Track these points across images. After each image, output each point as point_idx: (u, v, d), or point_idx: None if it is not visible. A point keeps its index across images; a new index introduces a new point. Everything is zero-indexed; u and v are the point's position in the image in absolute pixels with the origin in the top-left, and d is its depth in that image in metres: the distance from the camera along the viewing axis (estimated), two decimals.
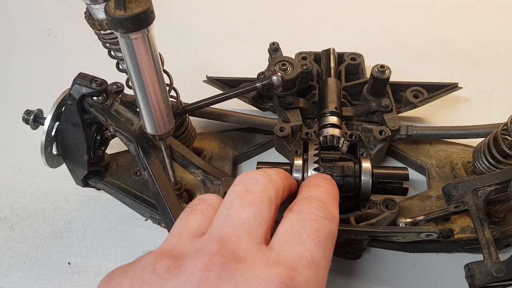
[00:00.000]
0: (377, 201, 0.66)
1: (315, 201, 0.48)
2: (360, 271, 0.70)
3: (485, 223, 0.58)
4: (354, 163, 0.67)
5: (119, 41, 0.46)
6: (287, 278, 0.39)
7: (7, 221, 0.76)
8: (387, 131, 0.73)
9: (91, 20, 0.54)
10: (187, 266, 0.41)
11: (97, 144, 0.68)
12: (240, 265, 0.40)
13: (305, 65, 0.77)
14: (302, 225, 0.45)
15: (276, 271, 0.40)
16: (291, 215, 0.47)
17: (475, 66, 0.98)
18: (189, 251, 0.43)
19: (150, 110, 0.54)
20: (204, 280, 0.39)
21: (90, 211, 0.77)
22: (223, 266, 0.40)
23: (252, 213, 0.45)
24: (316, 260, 0.43)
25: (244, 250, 0.42)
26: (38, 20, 1.11)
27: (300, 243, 0.44)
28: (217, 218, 0.46)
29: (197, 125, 0.80)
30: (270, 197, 0.47)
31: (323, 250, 0.44)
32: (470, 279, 0.56)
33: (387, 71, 0.76)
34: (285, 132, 0.75)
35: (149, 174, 0.61)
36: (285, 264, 0.41)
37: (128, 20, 0.42)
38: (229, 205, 0.47)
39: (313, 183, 0.53)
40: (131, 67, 0.49)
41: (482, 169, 0.69)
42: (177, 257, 0.43)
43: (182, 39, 1.06)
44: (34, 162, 0.84)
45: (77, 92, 0.60)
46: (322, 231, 0.45)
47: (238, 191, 0.47)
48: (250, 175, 0.49)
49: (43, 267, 0.71)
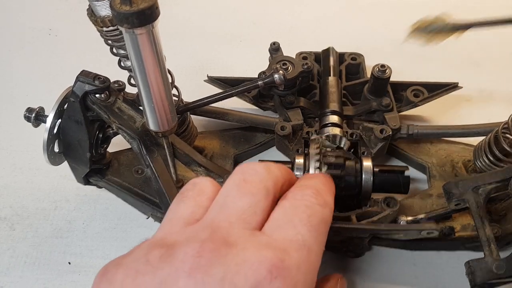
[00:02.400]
0: (378, 199, 0.66)
1: (309, 188, 0.49)
2: (361, 269, 0.71)
3: (486, 221, 0.58)
4: (355, 161, 0.68)
5: (124, 36, 0.46)
6: (277, 260, 0.40)
7: (7, 221, 0.76)
8: (388, 130, 0.73)
9: (94, 17, 0.54)
10: (179, 254, 0.41)
11: (99, 142, 0.68)
12: (230, 250, 0.41)
13: (306, 65, 0.78)
14: (295, 211, 0.46)
15: (266, 254, 0.40)
16: (284, 202, 0.48)
17: (475, 66, 0.98)
18: (181, 239, 0.44)
19: (153, 107, 0.54)
20: (195, 266, 0.40)
21: (90, 211, 0.77)
22: (214, 252, 0.41)
23: (248, 202, 0.46)
24: (307, 244, 0.43)
25: (235, 235, 0.43)
26: (39, 19, 1.11)
27: (292, 227, 0.44)
28: (213, 206, 0.47)
29: (198, 124, 0.80)
30: (267, 188, 0.47)
31: (315, 235, 0.45)
32: (471, 276, 0.56)
33: (387, 70, 0.76)
34: (286, 131, 0.75)
35: (152, 171, 0.62)
36: (276, 247, 0.42)
37: (133, 15, 0.43)
38: (225, 194, 0.47)
39: (309, 176, 0.55)
40: (135, 63, 0.49)
41: (482, 167, 0.70)
42: (169, 246, 0.43)
43: (182, 39, 1.06)
44: (34, 161, 0.84)
45: (80, 89, 0.60)
46: (315, 217, 0.46)
47: (236, 179, 0.48)
48: (249, 166, 0.49)
49: (43, 267, 0.71)
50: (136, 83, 0.52)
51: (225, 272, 0.39)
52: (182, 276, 0.40)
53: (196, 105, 0.68)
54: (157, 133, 0.58)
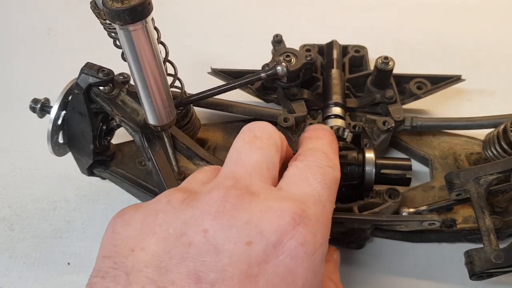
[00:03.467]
0: (380, 191, 0.67)
1: (319, 152, 0.51)
2: (362, 260, 0.71)
3: (486, 211, 0.58)
4: (358, 152, 0.68)
5: (118, 33, 0.47)
6: (299, 210, 0.42)
7: (6, 221, 0.76)
8: (391, 122, 0.73)
9: (97, 9, 0.54)
10: (204, 198, 0.43)
11: (103, 134, 0.68)
12: (254, 198, 0.43)
13: (309, 56, 0.78)
14: (309, 170, 0.48)
15: (288, 204, 0.42)
16: (297, 162, 0.49)
17: (477, 65, 0.97)
18: (203, 190, 0.45)
19: (151, 102, 0.55)
20: (221, 210, 0.41)
21: (90, 211, 0.77)
22: (239, 198, 0.42)
23: (261, 157, 0.47)
24: (322, 200, 0.45)
25: (257, 186, 0.44)
26: (38, 19, 1.10)
27: (307, 184, 0.46)
28: (227, 162, 0.48)
29: (201, 116, 0.81)
30: (276, 144, 0.50)
31: (328, 192, 0.47)
32: (470, 265, 0.56)
33: (390, 62, 0.76)
34: (289, 123, 0.75)
35: (153, 164, 0.62)
36: (295, 199, 0.44)
37: (125, 12, 0.43)
38: (238, 150, 0.49)
39: (314, 135, 0.56)
40: (131, 59, 0.50)
41: (493, 156, 0.70)
42: (192, 192, 0.45)
43: (183, 37, 1.05)
44: (33, 161, 0.83)
45: (84, 82, 0.61)
46: (327, 176, 0.48)
47: (246, 137, 0.49)
48: (257, 123, 0.51)
49: (43, 267, 0.71)
50: (133, 79, 0.53)
51: (250, 217, 0.41)
52: (208, 218, 0.41)
53: (200, 97, 0.68)
54: (156, 127, 0.58)
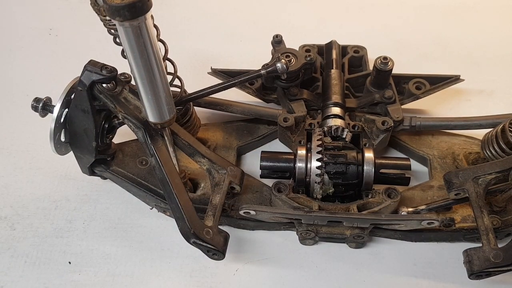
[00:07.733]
0: (379, 190, 0.67)
1: None
2: (362, 259, 0.71)
3: (485, 211, 0.59)
4: (357, 152, 0.68)
5: (117, 29, 0.47)
6: None
7: (7, 220, 0.76)
8: (390, 122, 0.74)
9: (97, 6, 0.55)
10: None
11: (105, 132, 0.69)
12: None
13: (309, 57, 0.78)
14: None
15: None
16: None
17: (476, 65, 0.98)
18: None
19: (150, 99, 0.55)
20: None
21: (90, 211, 0.77)
22: None
23: None
24: None
25: None
26: (39, 19, 1.10)
27: None
28: None
29: (201, 116, 0.81)
30: None
31: None
32: (468, 264, 0.57)
33: (390, 62, 0.76)
34: (288, 123, 0.76)
35: (156, 160, 0.62)
36: None
37: (125, 8, 0.44)
38: None
39: None
40: (131, 55, 0.50)
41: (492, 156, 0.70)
42: None
43: (183, 37, 1.05)
44: (34, 161, 0.83)
45: (87, 79, 0.61)
46: None
47: None
48: None
49: (44, 266, 0.71)
50: (132, 75, 0.53)
51: None
52: None
53: (200, 95, 0.69)
54: (156, 125, 0.59)
